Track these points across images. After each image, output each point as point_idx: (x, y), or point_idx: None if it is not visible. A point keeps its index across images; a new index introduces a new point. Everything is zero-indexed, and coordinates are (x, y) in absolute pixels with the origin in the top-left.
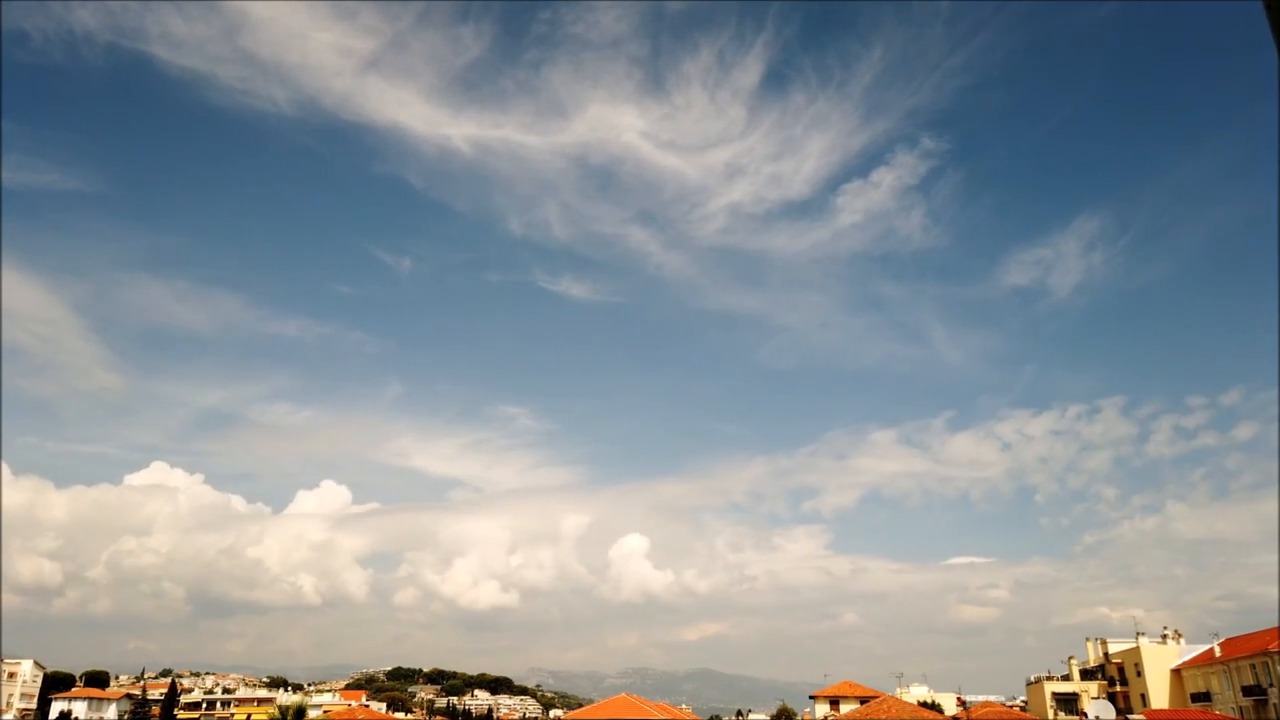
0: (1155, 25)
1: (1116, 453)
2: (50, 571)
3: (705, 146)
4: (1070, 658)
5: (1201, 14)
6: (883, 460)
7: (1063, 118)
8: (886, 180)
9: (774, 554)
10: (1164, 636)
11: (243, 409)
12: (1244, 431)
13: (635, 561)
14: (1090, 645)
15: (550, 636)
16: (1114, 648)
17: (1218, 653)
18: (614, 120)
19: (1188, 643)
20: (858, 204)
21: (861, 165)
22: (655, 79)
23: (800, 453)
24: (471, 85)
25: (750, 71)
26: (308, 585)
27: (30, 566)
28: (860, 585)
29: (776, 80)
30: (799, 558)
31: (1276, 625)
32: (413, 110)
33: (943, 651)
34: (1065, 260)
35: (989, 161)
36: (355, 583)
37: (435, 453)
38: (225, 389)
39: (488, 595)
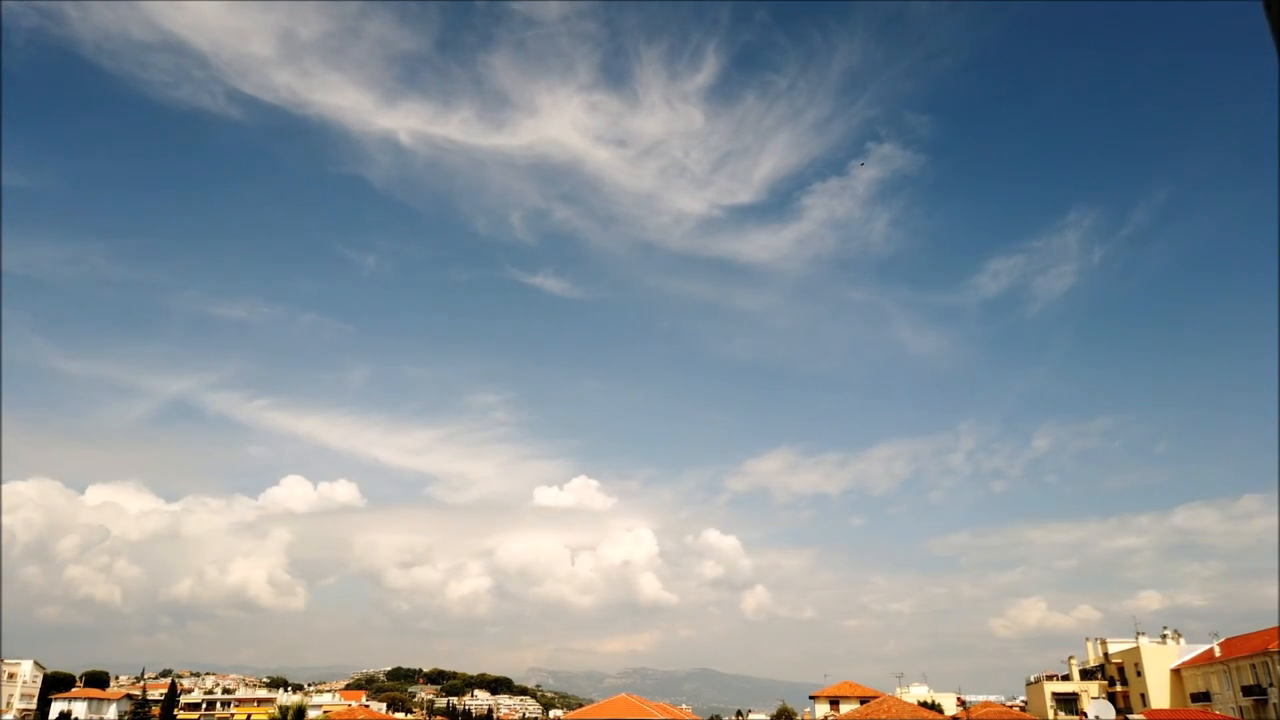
0: (1151, 23)
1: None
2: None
3: (666, 142)
4: (1070, 657)
5: (1199, 12)
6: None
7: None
8: (864, 175)
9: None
10: (1164, 636)
11: (200, 399)
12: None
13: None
14: (1090, 645)
15: (527, 636)
16: (1114, 648)
17: (1218, 653)
18: (576, 117)
19: (1187, 642)
20: (825, 203)
21: (837, 161)
22: (615, 72)
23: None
24: (422, 80)
25: (708, 70)
26: (291, 587)
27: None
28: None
29: (745, 68)
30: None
31: (1276, 625)
32: (360, 103)
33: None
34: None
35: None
36: (332, 583)
37: (405, 446)
38: (182, 379)
39: (467, 595)
